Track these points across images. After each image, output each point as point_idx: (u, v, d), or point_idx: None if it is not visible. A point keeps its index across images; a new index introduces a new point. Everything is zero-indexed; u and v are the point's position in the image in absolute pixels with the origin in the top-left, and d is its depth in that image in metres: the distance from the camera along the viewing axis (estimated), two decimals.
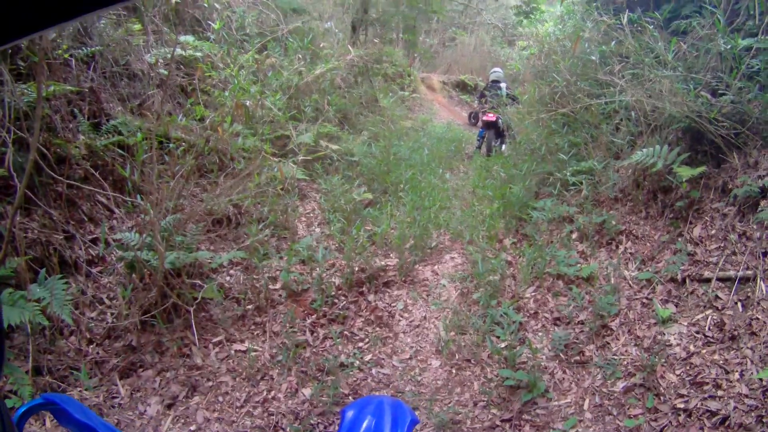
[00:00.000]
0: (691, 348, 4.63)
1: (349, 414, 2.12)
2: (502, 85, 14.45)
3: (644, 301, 5.48)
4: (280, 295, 6.48)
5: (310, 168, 9.35)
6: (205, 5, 10.52)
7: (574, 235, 7.03)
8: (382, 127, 12.39)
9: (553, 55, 10.05)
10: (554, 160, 8.42)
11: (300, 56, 10.95)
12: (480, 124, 14.82)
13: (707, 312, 4.87)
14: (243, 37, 10.90)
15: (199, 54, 9.01)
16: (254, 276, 6.53)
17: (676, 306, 5.22)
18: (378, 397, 2.73)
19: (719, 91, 5.94)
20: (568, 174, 7.75)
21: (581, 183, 7.53)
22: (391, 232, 7.72)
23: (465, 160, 13.69)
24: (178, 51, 8.39)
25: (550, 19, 17.44)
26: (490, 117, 13.61)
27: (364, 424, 2.05)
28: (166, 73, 8.14)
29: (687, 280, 5.32)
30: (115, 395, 4.87)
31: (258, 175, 7.47)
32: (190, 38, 9.13)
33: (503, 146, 13.46)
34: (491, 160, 11.94)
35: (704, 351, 4.54)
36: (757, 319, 4.47)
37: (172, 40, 8.75)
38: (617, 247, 6.44)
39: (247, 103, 8.18)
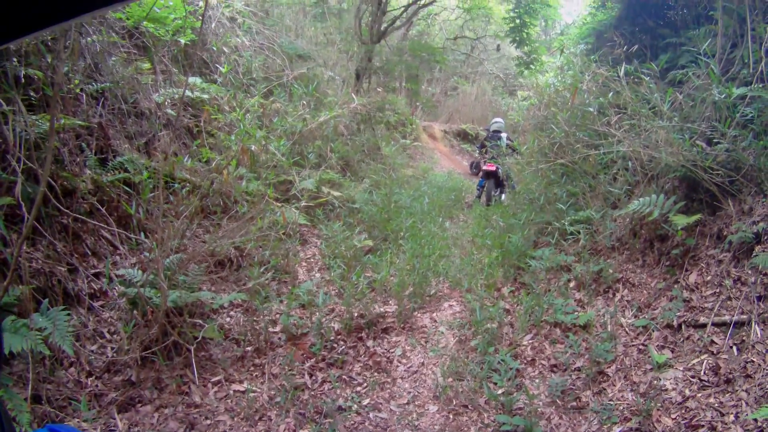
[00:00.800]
0: (687, 392, 4.67)
1: None
2: (503, 135, 14.63)
3: (640, 347, 5.53)
4: (279, 338, 6.51)
5: (312, 214, 9.46)
6: (214, 48, 10.73)
7: (571, 284, 7.09)
8: (383, 174, 12.53)
9: (552, 107, 10.20)
10: (552, 209, 8.51)
11: (305, 102, 11.12)
12: (480, 173, 14.92)
13: (702, 356, 4.92)
14: (249, 82, 11.13)
15: (206, 96, 9.18)
16: (254, 318, 6.57)
17: (672, 351, 5.26)
18: None
19: (714, 140, 6.07)
20: (566, 223, 7.83)
21: (579, 232, 7.61)
22: (390, 279, 7.80)
23: (465, 208, 13.83)
24: (180, 93, 8.51)
25: (551, 70, 17.73)
26: (491, 167, 13.77)
27: None
28: (173, 113, 8.29)
29: (683, 326, 5.38)
30: (112, 428, 4.86)
31: (261, 218, 7.57)
32: (197, 80, 9.34)
33: (503, 196, 13.65)
34: (491, 210, 12.06)
35: (700, 394, 4.58)
36: (752, 361, 4.53)
37: (181, 81, 8.95)
38: (614, 294, 6.50)
39: (252, 148, 8.30)
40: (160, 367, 5.54)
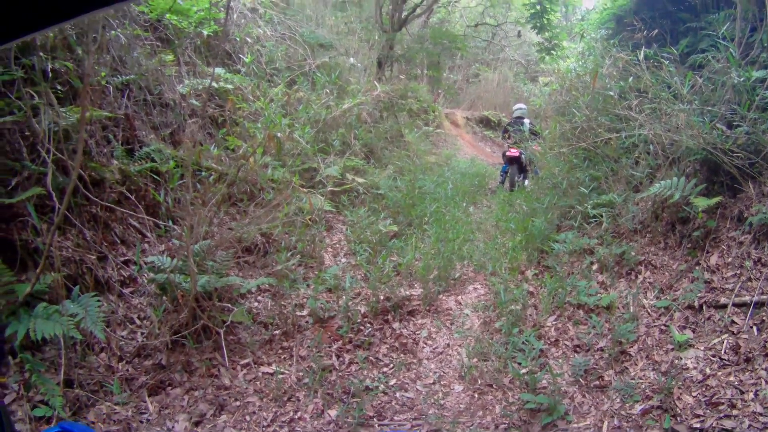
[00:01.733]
0: (707, 371, 4.73)
1: None
2: (525, 121, 14.64)
3: (662, 327, 5.58)
4: (306, 322, 6.66)
5: (337, 200, 9.59)
6: (236, 39, 10.83)
7: (594, 267, 7.14)
8: (407, 161, 12.66)
9: (573, 91, 10.21)
10: (575, 193, 8.53)
11: (328, 91, 11.19)
12: (503, 159, 14.95)
13: (723, 336, 4.97)
14: (272, 71, 11.21)
15: (230, 86, 9.29)
16: (282, 302, 6.71)
17: (693, 331, 5.31)
18: None
19: (734, 123, 6.07)
20: (588, 207, 7.87)
21: (601, 216, 7.64)
22: (415, 263, 7.89)
23: (488, 194, 13.90)
24: (204, 83, 8.67)
25: (572, 56, 17.66)
26: (513, 152, 13.77)
27: None
28: (198, 104, 8.41)
29: (704, 307, 5.42)
30: (143, 411, 5.02)
31: (287, 205, 7.68)
32: (220, 71, 9.41)
33: (526, 181, 13.62)
34: (514, 195, 12.15)
35: (720, 373, 4.63)
36: None
37: (204, 72, 9.06)
38: (636, 276, 6.54)
39: (278, 135, 8.39)
40: (190, 350, 5.70)
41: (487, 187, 14.69)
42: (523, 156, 13.41)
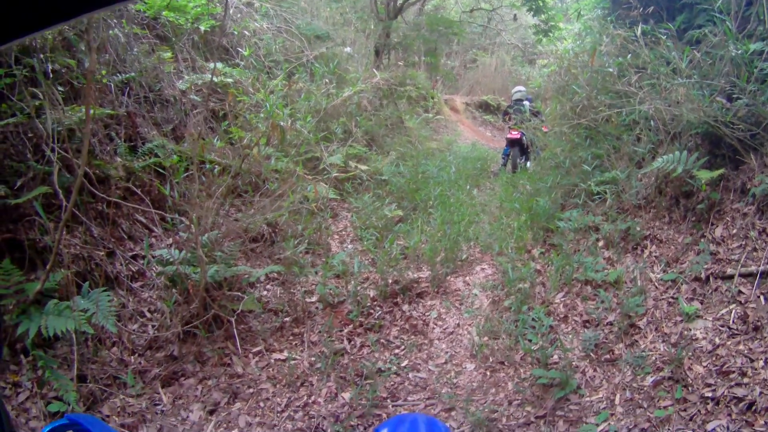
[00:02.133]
0: (717, 340, 4.76)
1: None
2: (525, 102, 14.62)
3: (670, 300, 5.60)
4: (316, 307, 6.72)
5: (341, 188, 9.64)
6: (234, 33, 10.84)
7: (600, 243, 7.16)
8: (408, 147, 12.70)
9: (572, 70, 10.20)
10: (578, 172, 8.53)
11: (327, 80, 11.20)
12: (505, 142, 14.92)
13: (731, 306, 5.00)
14: (270, 64, 11.22)
15: (230, 80, 9.30)
16: (291, 290, 6.77)
17: (701, 303, 5.33)
18: (412, 415, 2.79)
19: (734, 96, 6.06)
20: (592, 185, 7.87)
21: (605, 193, 7.66)
22: (422, 246, 7.93)
23: (491, 177, 13.93)
24: (204, 78, 8.72)
25: (569, 37, 17.64)
26: (515, 135, 13.76)
27: None
28: (199, 99, 8.47)
29: (710, 278, 5.44)
30: (157, 402, 5.08)
31: (292, 194, 7.71)
32: (219, 65, 9.40)
33: (528, 162, 13.63)
34: (517, 176, 12.17)
35: (729, 342, 4.66)
36: None
37: (204, 67, 9.10)
38: (642, 251, 6.57)
39: (281, 124, 8.42)
40: (202, 340, 5.75)
41: (490, 170, 14.67)
42: (524, 138, 13.43)
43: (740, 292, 5.07)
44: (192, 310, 5.75)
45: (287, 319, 6.43)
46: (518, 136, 13.65)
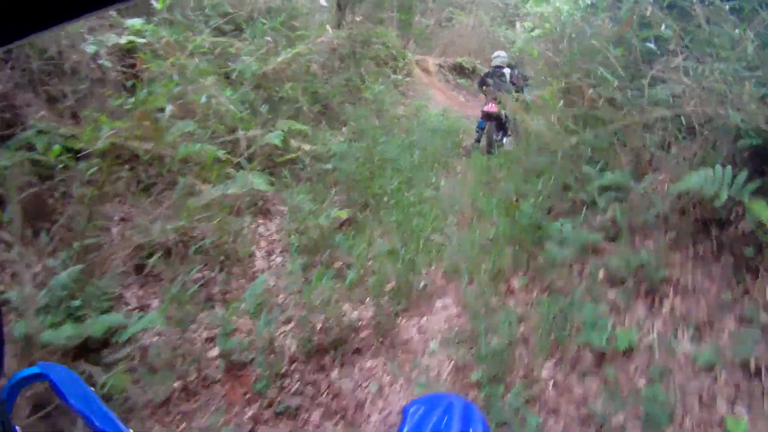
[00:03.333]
0: None
1: (414, 410, 1.75)
2: (506, 71, 12.81)
3: (705, 397, 3.88)
4: (217, 367, 4.77)
5: (279, 174, 7.78)
6: None
7: (601, 274, 5.41)
8: (369, 118, 10.84)
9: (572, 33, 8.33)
10: (572, 168, 6.81)
11: (269, 39, 9.34)
12: (480, 112, 13.15)
13: None
14: (203, 18, 9.30)
15: (142, 40, 7.42)
16: (185, 337, 4.90)
17: (749, 409, 3.66)
18: (446, 395, 2.31)
19: None
20: (593, 191, 6.13)
21: (607, 203, 5.95)
22: (367, 265, 6.15)
23: (463, 156, 12.10)
24: (115, 39, 7.04)
25: None
26: (491, 108, 12.05)
27: (433, 421, 1.69)
28: (109, 64, 6.85)
29: (763, 370, 3.76)
30: None
31: (208, 185, 6.17)
32: (138, 21, 7.58)
33: (505, 140, 12.05)
34: (492, 159, 10.44)
35: None
36: None
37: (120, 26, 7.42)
38: (661, 302, 4.80)
39: (203, 99, 6.70)
40: None
41: (461, 146, 12.90)
42: (503, 112, 11.78)
43: None
44: None
45: (176, 385, 4.55)
46: (495, 109, 11.96)
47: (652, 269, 4.93)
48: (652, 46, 6.13)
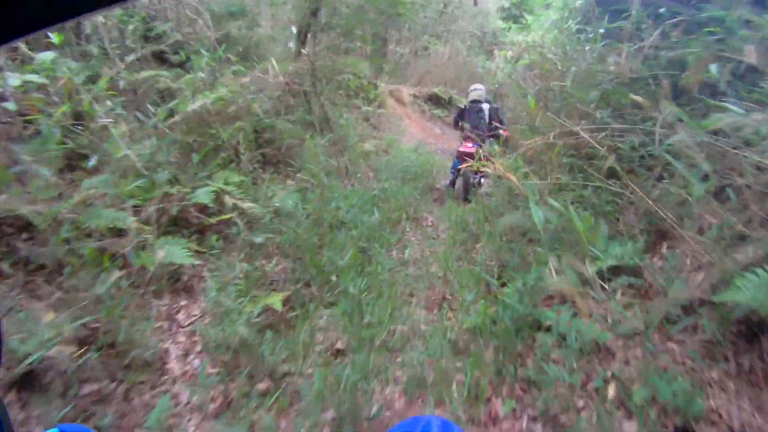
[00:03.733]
0: None
1: None
2: (484, 106, 11.63)
3: None
4: None
5: (206, 242, 6.29)
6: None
7: (611, 392, 3.94)
8: (330, 160, 9.67)
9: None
10: (567, 236, 5.41)
11: (203, 75, 7.93)
12: (456, 145, 12.26)
13: None
14: (123, 50, 7.86)
15: (41, 80, 6.09)
16: None
17: None
18: (425, 417, 2.00)
19: None
20: (600, 269, 4.81)
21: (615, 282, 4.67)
22: (297, 382, 4.65)
23: (435, 203, 10.88)
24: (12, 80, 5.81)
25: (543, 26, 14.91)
26: (468, 147, 10.89)
27: None
28: (14, 107, 5.66)
29: None
30: None
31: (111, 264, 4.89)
32: (49, 55, 6.34)
33: (483, 180, 10.91)
34: (468, 212, 9.11)
35: None
36: None
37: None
38: None
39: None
40: None
41: (434, 187, 11.82)
42: (481, 152, 10.46)
43: None
44: None
45: None
46: (473, 150, 10.53)
47: (690, 398, 3.49)
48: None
